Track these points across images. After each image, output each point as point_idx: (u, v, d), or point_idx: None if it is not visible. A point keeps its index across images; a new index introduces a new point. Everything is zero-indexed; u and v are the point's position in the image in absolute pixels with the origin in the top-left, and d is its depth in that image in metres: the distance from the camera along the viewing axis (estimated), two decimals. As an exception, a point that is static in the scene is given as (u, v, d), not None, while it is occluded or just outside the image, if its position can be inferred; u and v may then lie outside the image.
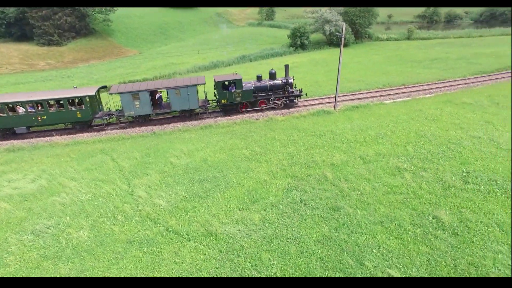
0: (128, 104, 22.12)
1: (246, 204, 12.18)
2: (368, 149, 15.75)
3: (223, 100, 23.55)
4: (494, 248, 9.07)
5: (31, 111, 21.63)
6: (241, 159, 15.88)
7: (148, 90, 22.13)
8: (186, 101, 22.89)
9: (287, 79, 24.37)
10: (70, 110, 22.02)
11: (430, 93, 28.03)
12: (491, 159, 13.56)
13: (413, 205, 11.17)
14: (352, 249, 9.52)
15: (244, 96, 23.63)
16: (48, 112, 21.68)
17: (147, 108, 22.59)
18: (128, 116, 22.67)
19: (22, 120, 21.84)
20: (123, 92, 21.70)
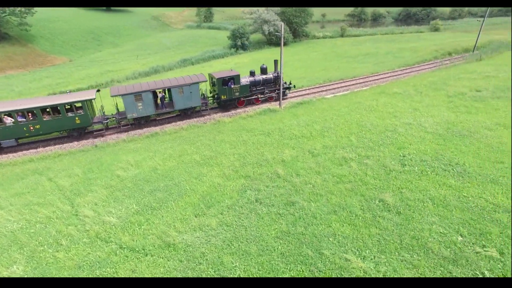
0: (130, 105, 21.47)
1: (202, 209, 11.96)
2: (315, 143, 16.44)
3: (223, 96, 24.22)
4: (429, 220, 10.07)
5: (21, 121, 19.48)
6: (192, 164, 15.54)
7: (151, 91, 21.77)
8: (189, 99, 23.03)
9: (277, 72, 25.77)
10: (68, 117, 20.46)
11: (366, 86, 30.22)
12: (421, 142, 15.05)
13: (361, 192, 11.93)
14: (310, 241, 9.87)
15: (242, 91, 24.61)
16: (42, 120, 19.77)
17: (150, 109, 22.23)
18: (131, 118, 22.05)
19: (10, 132, 19.50)
20: (126, 94, 21.00)
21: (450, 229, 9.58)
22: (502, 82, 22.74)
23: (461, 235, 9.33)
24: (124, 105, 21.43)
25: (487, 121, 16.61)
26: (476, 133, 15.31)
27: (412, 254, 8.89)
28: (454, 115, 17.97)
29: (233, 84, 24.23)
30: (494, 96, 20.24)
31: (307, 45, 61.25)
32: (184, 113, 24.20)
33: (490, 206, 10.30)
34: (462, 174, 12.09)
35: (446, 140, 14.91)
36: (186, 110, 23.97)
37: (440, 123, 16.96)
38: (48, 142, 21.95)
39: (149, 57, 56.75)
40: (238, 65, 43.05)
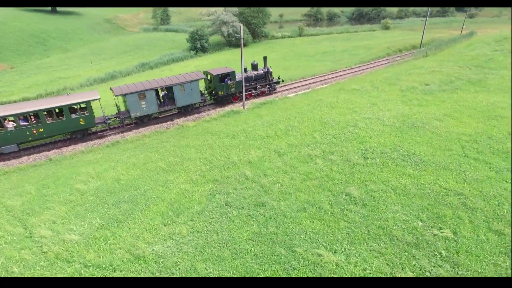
0: (134, 104, 21.70)
1: (171, 217, 11.61)
2: (280, 142, 16.65)
3: (220, 92, 25.56)
4: (392, 209, 10.60)
5: (23, 125, 18.79)
6: (158, 172, 15.05)
7: (154, 89, 22.19)
8: (190, 96, 23.92)
9: (267, 68, 27.75)
10: (73, 118, 20.07)
11: (326, 83, 31.19)
12: (381, 136, 15.82)
13: (328, 187, 12.26)
14: (282, 240, 9.96)
15: (237, 86, 25.95)
16: (45, 123, 19.25)
17: (153, 107, 22.64)
18: (135, 116, 22.25)
19: (11, 137, 18.67)
20: (130, 93, 21.20)
21: (411, 215, 10.16)
22: (446, 76, 24.57)
23: (421, 220, 9.93)
24: (128, 104, 21.52)
25: (436, 112, 17.86)
26: (427, 124, 16.39)
27: (379, 243, 9.30)
28: (408, 108, 19.11)
29: (229, 80, 25.50)
30: (441, 89, 21.83)
31: (266, 45, 61.99)
32: (184, 110, 24.90)
33: (443, 191, 11.07)
34: (419, 163, 12.89)
35: (402, 132, 15.80)
36: (187, 107, 24.74)
37: (396, 116, 17.94)
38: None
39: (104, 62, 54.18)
40: (198, 67, 42.47)
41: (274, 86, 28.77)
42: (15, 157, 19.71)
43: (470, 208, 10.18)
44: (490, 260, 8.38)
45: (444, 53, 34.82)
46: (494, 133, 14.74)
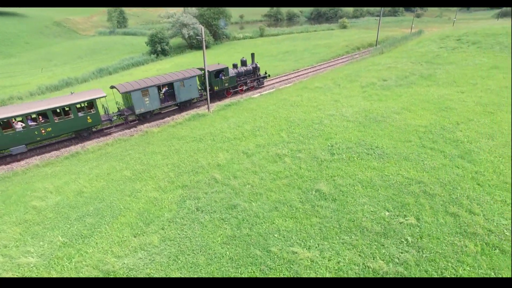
0: (138, 101, 22.37)
1: (141, 228, 11.14)
2: (248, 144, 16.63)
3: (215, 87, 27.17)
4: (361, 201, 10.97)
5: (32, 125, 18.82)
6: (124, 181, 14.40)
7: (156, 86, 23.02)
8: (189, 91, 25.28)
9: (255, 64, 29.98)
10: (80, 117, 20.42)
11: (289, 82, 31.69)
12: (345, 131, 16.34)
13: (298, 185, 12.42)
14: (256, 241, 9.93)
15: (230, 81, 28.04)
16: (53, 122, 19.39)
17: (156, 103, 23.49)
18: (139, 113, 22.89)
19: (20, 137, 18.55)
20: (134, 90, 21.89)
21: (378, 206, 10.58)
22: (401, 72, 26.01)
23: (387, 210, 10.37)
24: (133, 101, 22.10)
25: (394, 106, 18.81)
26: (388, 117, 17.21)
27: (351, 235, 9.58)
28: (369, 103, 19.94)
29: (223, 76, 27.29)
30: (397, 84, 23.05)
31: (229, 47, 61.83)
32: (183, 105, 26.21)
33: (406, 181, 11.67)
34: (382, 156, 13.47)
35: (365, 127, 16.44)
36: (186, 102, 26.10)
37: (359, 111, 18.64)
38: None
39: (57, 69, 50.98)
40: (160, 71, 41.38)
41: (262, 81, 31.04)
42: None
43: (429, 194, 10.81)
44: (448, 241, 8.94)
45: (397, 50, 36.83)
46: (446, 123, 15.81)
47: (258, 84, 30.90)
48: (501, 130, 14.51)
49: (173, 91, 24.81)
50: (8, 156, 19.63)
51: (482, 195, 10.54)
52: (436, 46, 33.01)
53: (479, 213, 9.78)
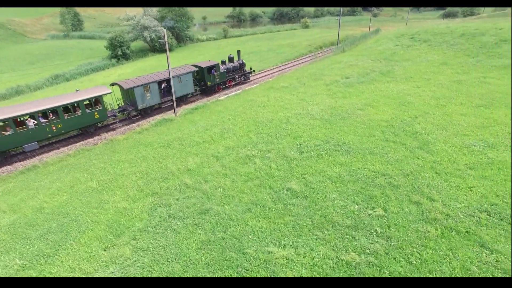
0: (141, 96, 23.38)
1: (111, 240, 10.68)
2: (217, 146, 16.51)
3: (208, 82, 28.92)
4: (331, 197, 11.30)
5: (43, 122, 19.27)
6: (89, 193, 13.72)
7: (157, 81, 24.17)
8: (185, 86, 26.67)
9: (242, 60, 32.34)
10: (88, 112, 21.11)
11: (255, 83, 31.87)
12: (312, 129, 16.73)
13: (269, 185, 12.53)
14: (232, 243, 9.89)
15: (221, 77, 29.85)
16: (63, 119, 20.01)
17: (156, 98, 24.65)
18: (141, 108, 23.79)
19: (33, 134, 18.97)
20: (137, 86, 22.87)
21: (348, 200, 10.95)
22: (362, 69, 27.10)
23: (356, 203, 10.77)
24: (136, 96, 23.00)
25: (358, 102, 19.55)
26: (352, 114, 17.85)
27: (323, 230, 9.83)
28: (334, 100, 20.56)
29: (215, 72, 29.01)
30: (359, 81, 23.99)
31: (192, 49, 60.98)
32: (180, 100, 27.32)
33: (372, 174, 12.18)
34: (349, 151, 13.96)
35: (331, 124, 16.94)
36: (183, 97, 27.40)
37: (324, 109, 19.16)
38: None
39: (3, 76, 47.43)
40: (122, 76, 39.91)
41: (248, 76, 33.18)
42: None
43: (394, 186, 11.37)
44: (413, 228, 9.47)
45: (358, 48, 38.31)
46: (405, 117, 16.70)
47: (244, 79, 32.84)
48: (453, 121, 15.58)
49: (169, 87, 25.48)
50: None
51: (440, 183, 11.27)
52: (393, 44, 34.76)
53: (438, 200, 10.44)
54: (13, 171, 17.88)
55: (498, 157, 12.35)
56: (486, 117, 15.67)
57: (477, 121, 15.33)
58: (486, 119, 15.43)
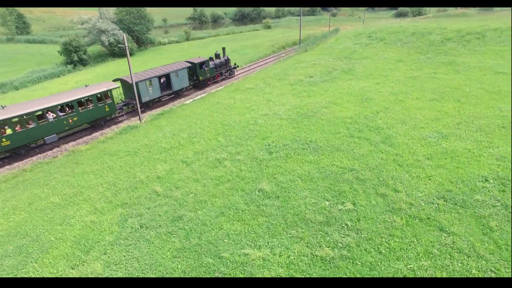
0: (144, 90, 25.27)
1: (79, 257, 10.14)
2: (186, 152, 16.26)
3: (200, 77, 31.42)
4: (302, 195, 11.57)
5: (61, 115, 20.71)
6: (52, 209, 12.92)
7: (157, 76, 26.35)
8: (182, 81, 29.17)
9: (227, 57, 35.07)
10: (99, 106, 22.54)
11: (220, 85, 31.73)
12: (280, 129, 17.00)
13: (241, 187, 12.57)
14: (207, 249, 9.81)
15: (211, 72, 32.65)
16: (78, 112, 21.41)
17: (157, 92, 26.80)
18: (144, 101, 25.59)
19: (52, 127, 20.38)
20: (140, 81, 24.72)
21: (318, 197, 11.28)
22: (325, 68, 27.98)
23: (327, 200, 11.12)
24: (140, 90, 24.59)
25: (322, 101, 20.17)
26: (317, 112, 18.38)
27: (297, 229, 10.05)
28: (299, 100, 21.04)
29: (206, 67, 31.61)
30: (322, 80, 24.74)
31: (154, 52, 59.44)
32: (176, 93, 29.73)
33: (340, 170, 12.65)
34: (316, 149, 14.37)
35: (298, 123, 17.33)
36: (179, 91, 29.67)
37: (291, 109, 19.55)
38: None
39: None
40: (80, 83, 37.95)
41: (233, 71, 36.17)
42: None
43: (361, 180, 11.89)
44: (381, 219, 9.98)
45: (319, 47, 39.46)
46: (367, 113, 17.51)
47: (230, 74, 35.81)
48: (410, 115, 16.59)
49: (169, 81, 27.95)
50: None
51: (402, 174, 11.96)
52: (352, 43, 36.22)
53: (401, 190, 11.08)
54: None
55: (450, 146, 13.34)
56: (439, 110, 16.86)
57: (431, 114, 16.44)
58: (438, 112, 16.59)
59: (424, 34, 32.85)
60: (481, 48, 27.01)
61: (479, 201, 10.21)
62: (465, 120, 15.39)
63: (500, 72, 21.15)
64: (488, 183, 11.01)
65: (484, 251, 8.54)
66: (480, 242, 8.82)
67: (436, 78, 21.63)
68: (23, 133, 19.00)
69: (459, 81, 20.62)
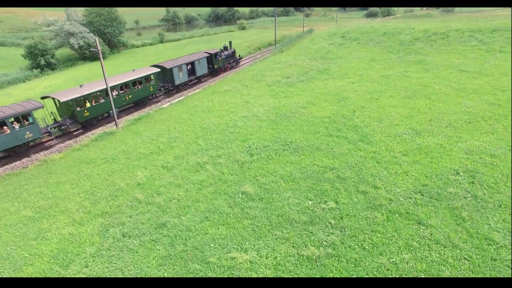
0: (177, 75, 30.27)
1: (58, 272, 9.73)
2: (166, 157, 16.00)
3: (215, 65, 36.40)
4: (285, 196, 11.70)
5: (121, 92, 25.16)
6: (24, 224, 12.31)
7: (186, 63, 31.41)
8: (203, 68, 34.36)
9: (233, 49, 40.74)
10: (146, 86, 27.21)
11: (198, 88, 31.45)
12: (260, 131, 17.09)
13: (224, 190, 12.54)
14: (193, 255, 9.71)
15: (223, 61, 37.82)
16: (132, 91, 26.11)
17: (186, 77, 31.78)
18: (177, 84, 30.80)
19: (115, 103, 23.95)
20: (175, 66, 29.87)
21: (301, 197, 11.46)
22: (301, 68, 28.40)
23: (310, 199, 11.33)
24: (174, 75, 30.03)
25: (300, 101, 20.47)
26: (296, 113, 18.64)
27: (282, 229, 10.16)
28: (277, 101, 21.23)
29: (219, 57, 36.68)
30: (299, 80, 25.11)
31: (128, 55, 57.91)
32: (198, 79, 35.01)
33: (321, 169, 12.91)
34: (297, 150, 14.58)
35: (277, 124, 17.49)
36: (200, 77, 34.86)
37: (269, 110, 19.69)
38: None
39: None
40: (49, 89, 36.35)
41: (238, 61, 41.57)
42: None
43: (342, 178, 12.20)
44: (363, 216, 10.29)
45: (295, 48, 40.00)
46: (345, 112, 17.96)
47: (236, 64, 41.12)
48: (386, 113, 17.20)
49: (194, 68, 33.04)
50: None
51: (381, 171, 12.39)
52: (327, 43, 37.00)
53: (381, 187, 11.48)
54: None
55: (424, 142, 13.96)
56: (411, 107, 17.58)
57: (405, 112, 17.12)
58: (411, 109, 17.30)
59: (395, 34, 34.12)
60: (446, 47, 28.43)
61: (452, 194, 10.78)
62: (436, 117, 16.15)
63: (464, 70, 22.37)
64: (459, 176, 11.63)
65: (458, 240, 9.03)
66: (454, 232, 9.31)
67: (407, 77, 22.53)
68: (97, 106, 23.50)
69: (428, 79, 21.59)
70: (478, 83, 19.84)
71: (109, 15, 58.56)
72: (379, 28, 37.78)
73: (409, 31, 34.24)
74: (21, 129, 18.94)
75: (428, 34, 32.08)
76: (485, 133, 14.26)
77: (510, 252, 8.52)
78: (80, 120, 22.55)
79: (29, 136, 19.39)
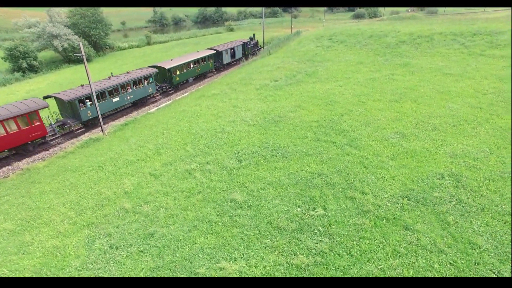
0: (225, 56, 40.96)
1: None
2: (154, 164, 15.80)
3: (246, 52, 46.28)
4: (274, 203, 11.66)
5: (194, 66, 35.05)
6: (4, 237, 11.92)
7: (230, 48, 42.22)
8: (240, 53, 44.81)
9: (256, 40, 50.23)
10: (208, 63, 37.52)
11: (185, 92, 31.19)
12: (248, 136, 17.04)
13: (212, 198, 12.44)
14: (182, 266, 9.59)
15: (251, 49, 47.85)
16: (201, 65, 36.27)
17: (229, 58, 42.35)
18: (226, 63, 41.80)
19: (191, 73, 34.88)
20: (225, 49, 40.80)
21: (290, 204, 11.46)
22: (289, 71, 28.49)
23: (298, 206, 11.34)
24: (223, 56, 40.42)
25: (288, 105, 20.51)
26: (284, 117, 18.67)
27: (271, 238, 10.13)
28: (265, 105, 21.22)
29: (249, 46, 46.64)
30: (287, 83, 25.17)
31: (114, 58, 57.03)
32: (236, 61, 44.67)
33: (309, 175, 12.94)
34: (285, 155, 14.59)
35: (266, 129, 17.47)
36: (238, 60, 44.65)
37: (257, 114, 19.66)
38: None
39: None
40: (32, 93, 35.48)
41: (260, 49, 50.23)
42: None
43: (330, 184, 12.26)
44: (351, 222, 10.36)
45: (283, 50, 40.10)
46: (332, 116, 18.08)
47: (258, 51, 49.44)
48: (373, 117, 17.39)
49: (234, 52, 43.13)
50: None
51: (368, 176, 12.50)
52: (314, 45, 37.22)
53: (369, 192, 11.58)
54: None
55: (410, 146, 14.17)
56: (398, 110, 17.83)
57: (391, 115, 17.34)
58: (398, 113, 17.54)
59: (381, 37, 34.59)
60: (431, 50, 28.98)
61: (437, 198, 10.95)
62: (421, 120, 16.41)
63: (448, 73, 22.83)
64: (444, 180, 11.84)
65: (443, 245, 9.18)
66: (440, 237, 9.45)
67: (394, 80, 22.85)
68: (183, 74, 33.37)
69: (414, 82, 21.95)
70: (461, 86, 20.27)
71: (94, 16, 57.54)
72: (366, 30, 38.24)
73: (395, 33, 34.77)
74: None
75: (413, 37, 32.64)
76: (469, 136, 14.56)
77: (492, 255, 8.70)
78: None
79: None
